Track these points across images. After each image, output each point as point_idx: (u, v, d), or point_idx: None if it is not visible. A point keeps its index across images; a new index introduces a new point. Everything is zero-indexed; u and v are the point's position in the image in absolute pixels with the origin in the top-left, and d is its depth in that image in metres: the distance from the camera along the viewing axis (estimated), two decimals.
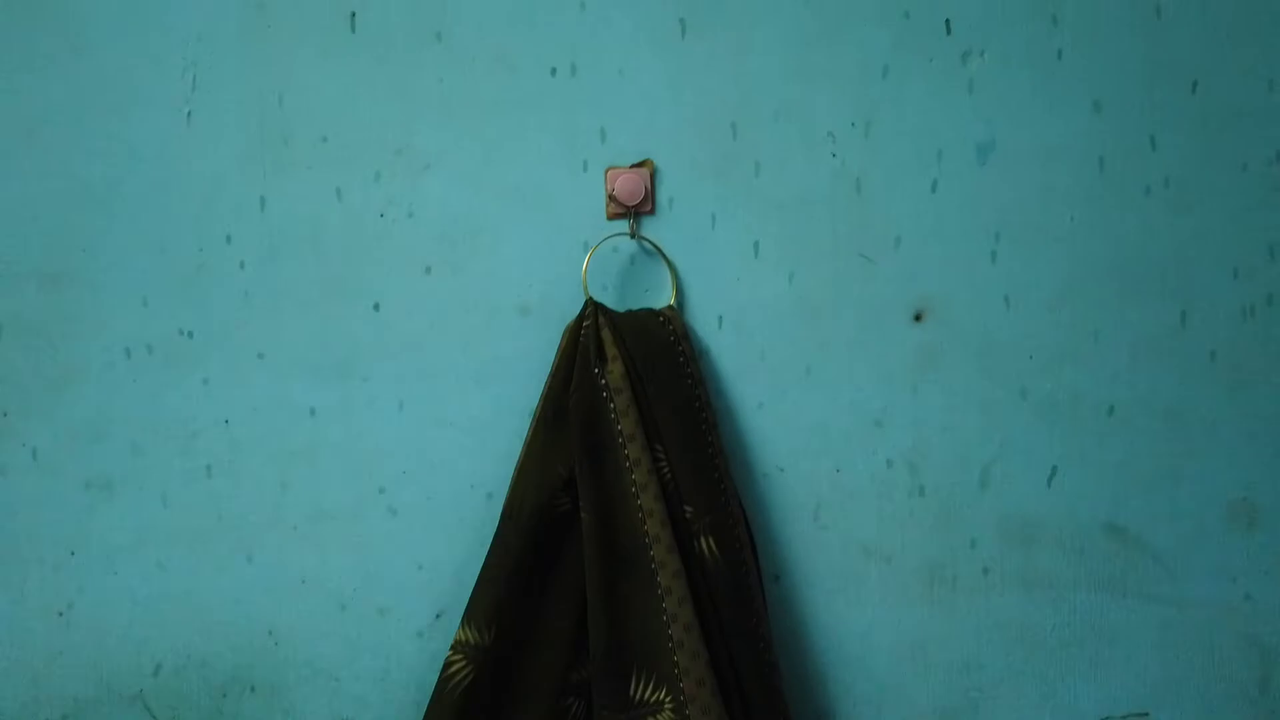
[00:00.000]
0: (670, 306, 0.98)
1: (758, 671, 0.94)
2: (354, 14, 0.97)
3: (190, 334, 1.00)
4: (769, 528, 1.01)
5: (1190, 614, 1.00)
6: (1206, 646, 1.01)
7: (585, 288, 0.97)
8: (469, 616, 0.93)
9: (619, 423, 0.91)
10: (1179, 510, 1.00)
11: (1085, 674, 1.01)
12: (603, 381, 0.92)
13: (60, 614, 1.03)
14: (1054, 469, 1.00)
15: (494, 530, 0.97)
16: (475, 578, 0.97)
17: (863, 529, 1.01)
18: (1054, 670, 1.01)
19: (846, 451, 1.00)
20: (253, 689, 1.03)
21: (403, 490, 1.02)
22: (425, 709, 0.96)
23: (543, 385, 0.98)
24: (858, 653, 1.01)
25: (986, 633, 1.01)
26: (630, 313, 0.96)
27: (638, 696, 0.93)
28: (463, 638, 0.93)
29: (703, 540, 0.93)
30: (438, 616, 1.01)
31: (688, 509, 0.93)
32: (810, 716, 1.03)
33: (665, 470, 0.93)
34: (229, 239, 0.99)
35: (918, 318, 0.99)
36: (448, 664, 0.93)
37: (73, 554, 1.03)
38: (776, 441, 1.00)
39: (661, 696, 0.92)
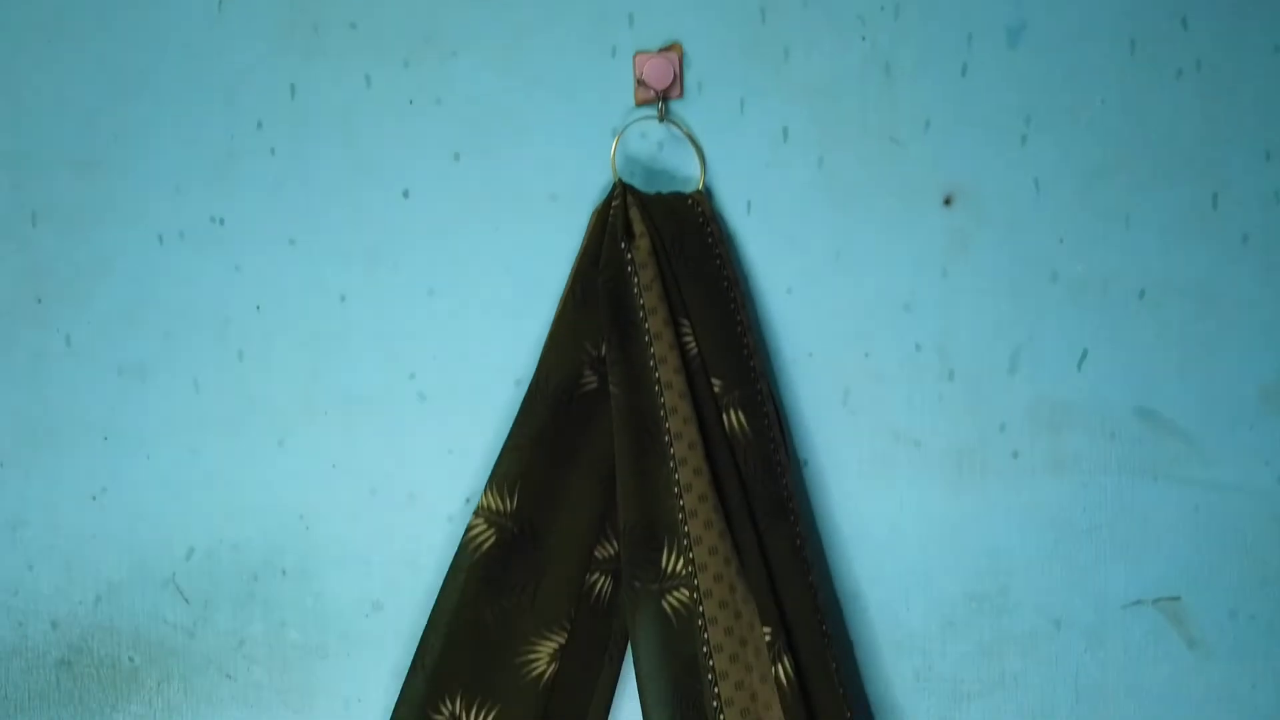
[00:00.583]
0: (699, 191, 0.98)
1: (789, 548, 0.95)
2: None
3: (221, 220, 1.02)
4: (797, 413, 1.02)
5: (1222, 497, 1.01)
6: (1238, 530, 1.02)
7: (614, 171, 0.97)
8: (492, 482, 0.96)
9: (642, 296, 0.93)
10: (1211, 393, 1.01)
11: (1115, 558, 1.02)
12: (629, 256, 0.93)
13: (93, 498, 1.05)
14: (1084, 352, 1.00)
15: None
16: None
17: (891, 414, 1.02)
18: (1084, 554, 1.02)
19: (875, 336, 1.01)
20: (284, 573, 1.04)
21: (432, 376, 1.03)
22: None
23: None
24: (886, 537, 1.02)
25: (1016, 517, 1.02)
26: (659, 195, 0.98)
27: (669, 569, 0.94)
28: (485, 503, 0.95)
29: (731, 414, 0.94)
30: (467, 501, 1.03)
31: (715, 383, 0.94)
32: (839, 600, 1.07)
33: (691, 345, 0.94)
34: (259, 125, 1.01)
35: (947, 201, 1.00)
36: (469, 528, 0.96)
37: (106, 439, 1.05)
38: (805, 326, 1.02)
39: (683, 568, 0.93)
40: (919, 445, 1.07)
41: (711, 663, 0.95)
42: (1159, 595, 1.07)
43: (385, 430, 1.09)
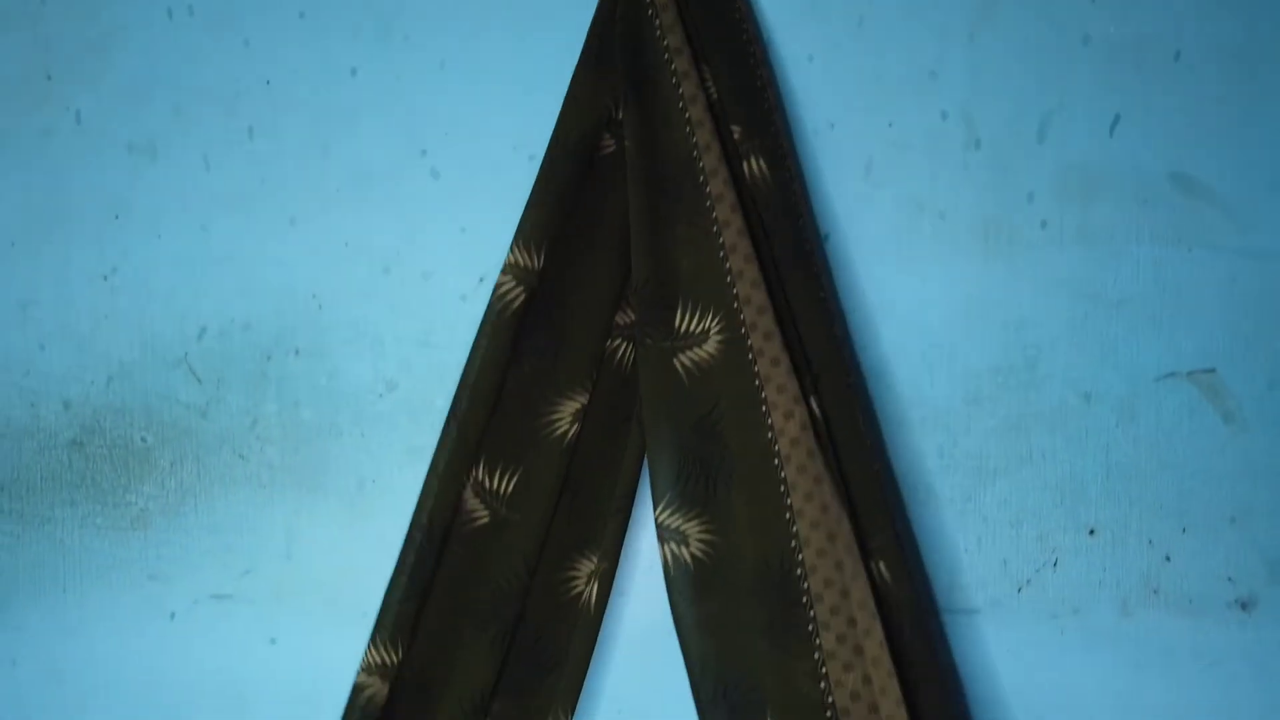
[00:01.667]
0: None
1: (812, 297, 0.95)
2: None
3: None
4: (819, 186, 1.03)
5: (1259, 265, 1.01)
6: (1276, 299, 1.01)
7: None
8: (519, 238, 0.97)
9: (665, 38, 0.92)
10: (1248, 158, 1.01)
11: (1148, 330, 1.01)
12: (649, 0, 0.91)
13: (105, 278, 1.06)
14: (1116, 117, 0.99)
15: None
16: None
17: (916, 184, 1.01)
18: (1115, 327, 1.01)
19: (900, 104, 1.01)
20: (297, 352, 1.04)
21: (445, 152, 1.04)
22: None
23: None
24: (910, 311, 1.02)
25: (1044, 289, 1.02)
26: None
27: (683, 327, 0.93)
28: (513, 260, 0.96)
29: (752, 161, 0.94)
30: (481, 280, 1.03)
31: (735, 129, 0.94)
32: (862, 374, 1.10)
33: (711, 90, 0.92)
34: None
35: None
36: (498, 286, 1.00)
37: (117, 217, 1.05)
38: (827, 95, 1.02)
39: (709, 325, 0.92)
40: (944, 217, 1.06)
41: (770, 421, 1.00)
42: (1193, 368, 1.05)
43: (398, 208, 1.09)
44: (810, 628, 0.99)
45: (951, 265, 1.10)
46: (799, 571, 1.00)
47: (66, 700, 1.15)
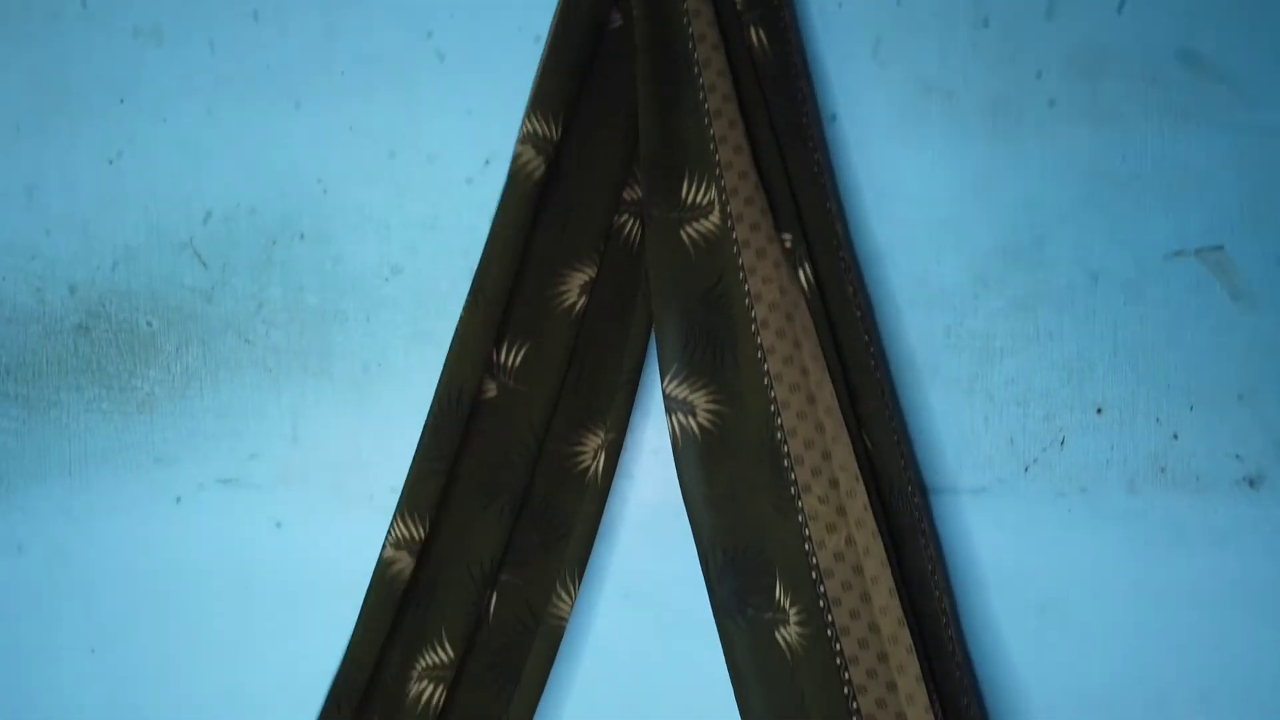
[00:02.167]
0: None
1: (808, 174, 0.95)
2: None
3: None
4: (824, 66, 1.04)
5: (1269, 142, 1.03)
6: None
7: None
8: (533, 108, 1.04)
9: None
10: (1256, 34, 1.03)
11: (1156, 208, 1.02)
12: None
13: (110, 162, 1.07)
14: None
15: None
16: None
17: (924, 64, 1.02)
18: (1123, 204, 1.01)
19: None
20: (302, 236, 1.05)
21: (450, 34, 1.05)
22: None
23: None
24: (917, 191, 1.03)
25: (1052, 168, 1.03)
26: None
27: (689, 199, 0.93)
28: (530, 129, 1.05)
29: (752, 31, 0.93)
30: (486, 163, 1.03)
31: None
32: (866, 257, 1.10)
33: None
34: None
35: None
36: (517, 156, 1.05)
37: (122, 101, 1.06)
38: None
39: (712, 196, 0.92)
40: (951, 96, 1.06)
41: (747, 287, 1.00)
42: (1202, 245, 1.05)
43: (403, 91, 1.10)
44: (793, 490, 1.00)
45: (959, 145, 1.10)
46: (779, 435, 1.00)
47: (72, 585, 1.15)
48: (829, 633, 0.99)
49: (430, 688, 1.05)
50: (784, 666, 1.01)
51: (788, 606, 1.01)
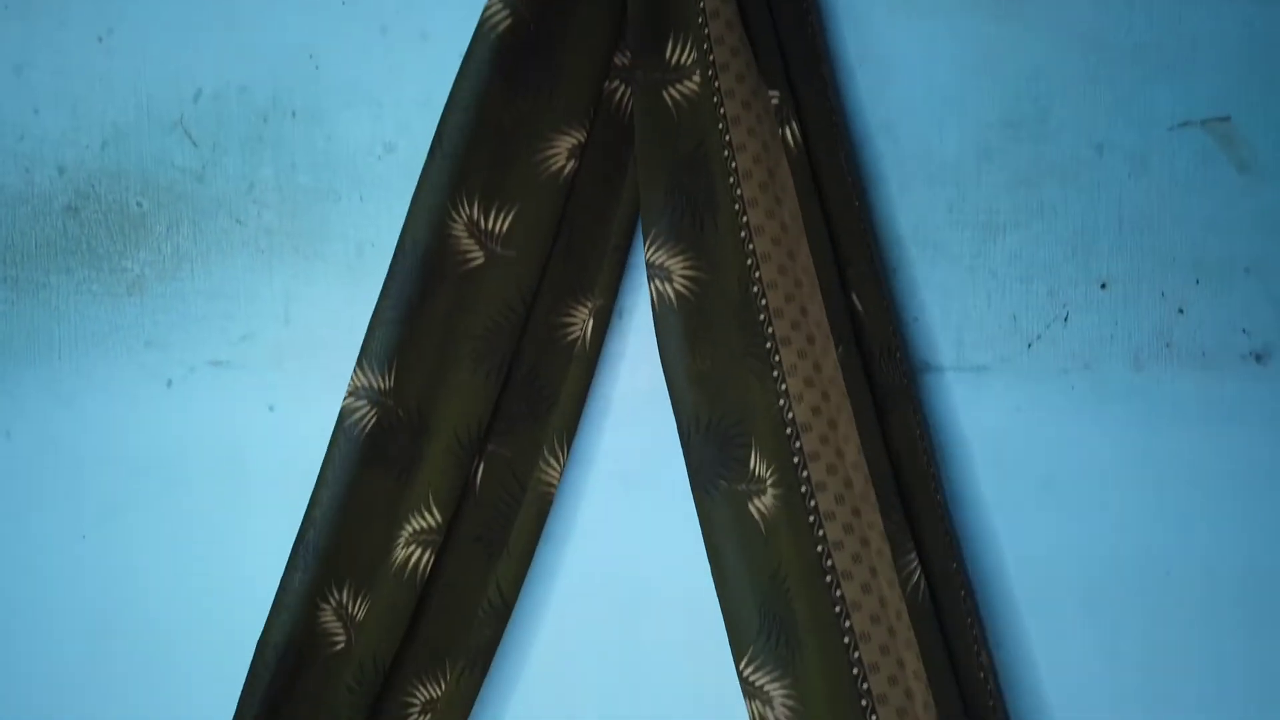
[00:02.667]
0: None
1: (803, 42, 0.96)
2: None
3: None
4: None
5: (1276, 11, 1.00)
6: None
7: None
8: None
9: None
10: None
11: (1162, 78, 1.02)
12: None
13: (100, 40, 1.06)
14: None
15: None
16: None
17: None
18: (1129, 75, 1.01)
19: None
20: (293, 114, 1.04)
21: None
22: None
23: None
24: (919, 64, 1.04)
25: (1057, 38, 1.05)
26: None
27: (673, 59, 0.94)
28: None
29: None
30: None
31: None
32: (866, 131, 1.09)
33: None
34: None
35: None
36: (486, 8, 1.04)
37: None
38: None
39: (693, 59, 0.91)
40: None
41: (729, 138, 1.01)
42: (1208, 116, 1.05)
43: None
44: (770, 345, 1.00)
45: (963, 16, 1.08)
46: (757, 290, 1.00)
47: (62, 470, 1.14)
48: (804, 489, 0.99)
49: (418, 552, 1.03)
50: (757, 536, 1.01)
51: (763, 474, 1.01)
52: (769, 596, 1.00)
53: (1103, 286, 1.07)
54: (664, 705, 1.11)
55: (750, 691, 1.01)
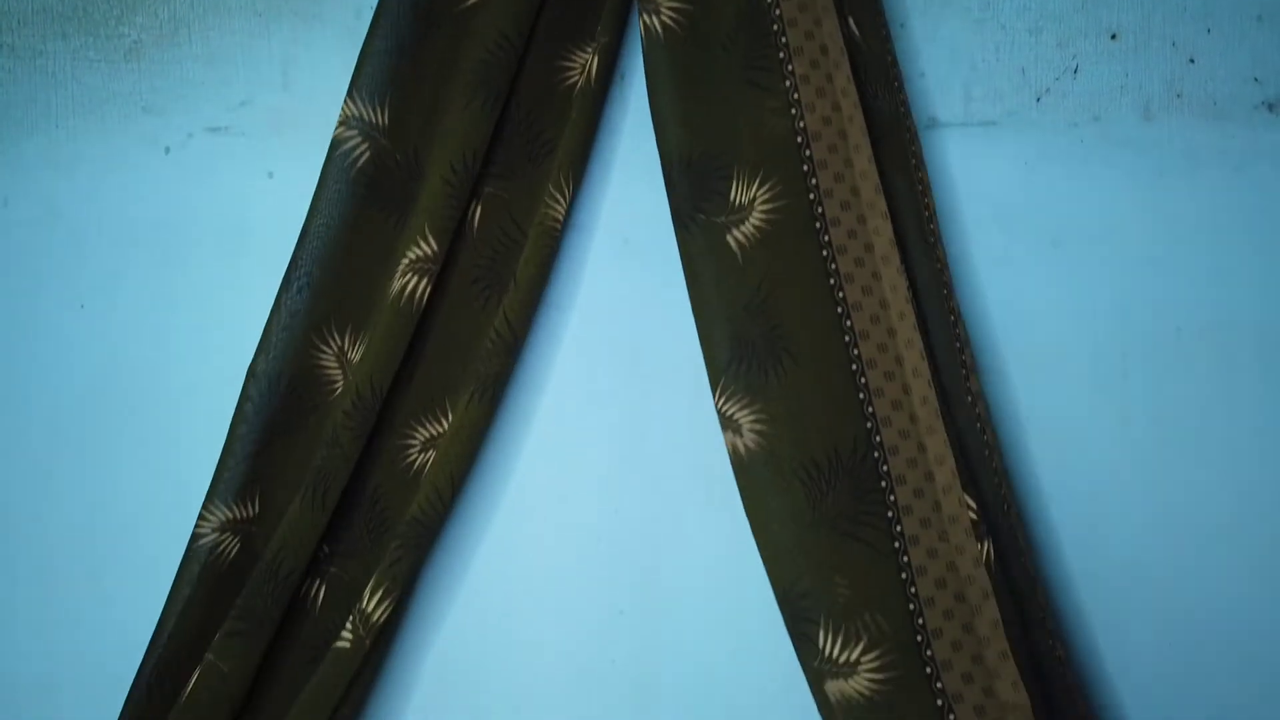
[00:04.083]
0: None
1: None
2: None
3: None
4: None
5: None
6: None
7: None
8: None
9: None
10: None
11: None
12: None
13: None
14: None
15: None
16: None
17: None
18: None
19: None
20: None
21: None
22: None
23: None
24: None
25: None
26: None
27: None
28: None
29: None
30: None
31: None
32: None
33: None
34: None
35: None
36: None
37: None
38: None
39: None
40: None
41: None
42: None
43: None
44: (781, 55, 0.99)
45: None
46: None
47: (61, 238, 1.14)
48: (810, 196, 0.99)
49: (414, 280, 1.03)
50: (734, 266, 1.00)
51: (745, 202, 1.00)
52: (742, 324, 0.99)
53: (1113, 37, 1.07)
54: (663, 471, 1.11)
55: (724, 423, 1.01)
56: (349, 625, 1.03)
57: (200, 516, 1.03)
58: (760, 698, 1.08)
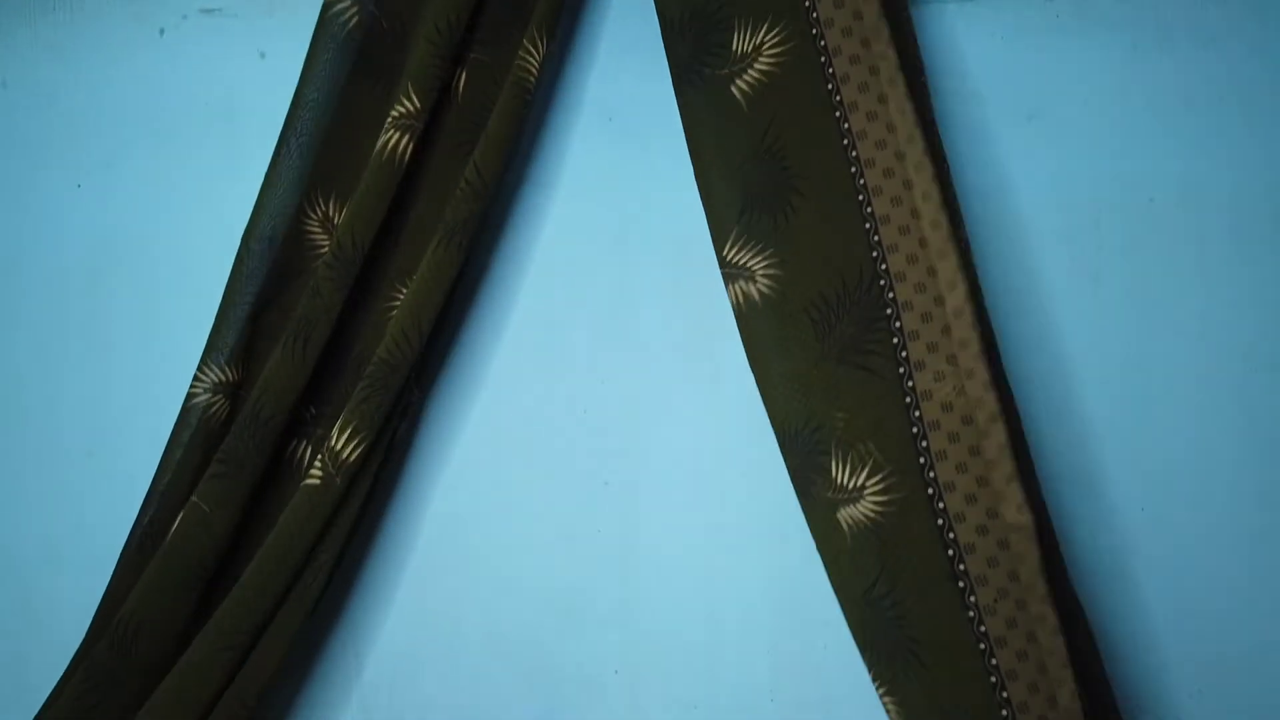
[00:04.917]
0: None
1: None
2: None
3: None
4: None
5: None
6: None
7: None
8: None
9: None
10: None
11: None
12: None
13: None
14: None
15: None
16: None
17: None
18: None
19: None
20: None
21: None
22: None
23: None
24: None
25: None
26: None
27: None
28: None
29: None
30: None
31: None
32: None
33: None
34: None
35: None
36: None
37: None
38: None
39: None
40: None
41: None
42: None
43: None
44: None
45: None
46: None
47: (57, 121, 1.17)
48: (814, 31, 1.00)
49: (395, 135, 1.04)
50: (739, 117, 1.02)
51: (751, 49, 1.01)
52: (749, 173, 1.01)
53: None
54: (648, 346, 1.14)
55: (732, 274, 1.03)
56: (318, 462, 1.04)
57: (194, 378, 1.06)
58: (739, 563, 1.11)
